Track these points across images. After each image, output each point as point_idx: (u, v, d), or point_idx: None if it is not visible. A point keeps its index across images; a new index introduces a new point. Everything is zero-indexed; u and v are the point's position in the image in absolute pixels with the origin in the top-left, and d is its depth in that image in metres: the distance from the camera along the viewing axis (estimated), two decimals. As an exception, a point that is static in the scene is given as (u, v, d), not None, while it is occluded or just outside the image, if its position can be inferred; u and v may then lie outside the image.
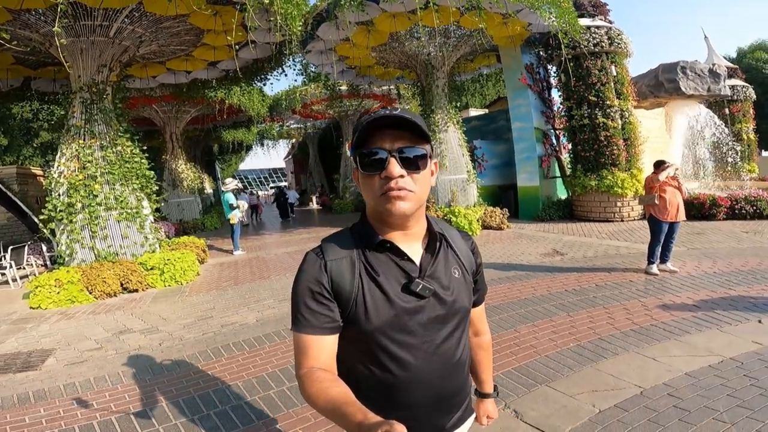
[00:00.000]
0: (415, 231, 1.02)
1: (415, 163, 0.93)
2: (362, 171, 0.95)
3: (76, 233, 6.82)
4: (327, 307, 0.95)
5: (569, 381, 2.96)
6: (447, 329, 1.02)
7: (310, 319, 0.95)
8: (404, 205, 0.93)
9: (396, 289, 0.97)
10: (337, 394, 0.82)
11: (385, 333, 0.96)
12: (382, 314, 0.96)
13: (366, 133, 0.93)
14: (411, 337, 0.97)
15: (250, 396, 3.11)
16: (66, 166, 7.02)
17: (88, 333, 4.88)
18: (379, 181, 0.93)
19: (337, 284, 0.96)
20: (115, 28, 7.33)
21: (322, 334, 0.94)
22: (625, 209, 10.27)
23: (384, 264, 0.99)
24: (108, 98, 7.66)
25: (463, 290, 1.06)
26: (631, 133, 10.34)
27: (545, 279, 5.63)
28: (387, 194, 0.92)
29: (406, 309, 0.97)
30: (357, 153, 0.95)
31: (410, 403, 1.00)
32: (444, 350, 1.01)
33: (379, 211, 0.97)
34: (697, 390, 2.72)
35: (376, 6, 8.38)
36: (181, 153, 16.09)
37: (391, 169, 0.91)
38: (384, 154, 0.92)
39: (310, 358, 0.93)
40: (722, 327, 3.70)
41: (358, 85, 16.17)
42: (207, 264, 8.75)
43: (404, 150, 0.92)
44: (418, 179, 0.95)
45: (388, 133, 0.93)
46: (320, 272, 0.97)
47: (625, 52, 10.60)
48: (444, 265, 1.04)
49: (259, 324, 4.74)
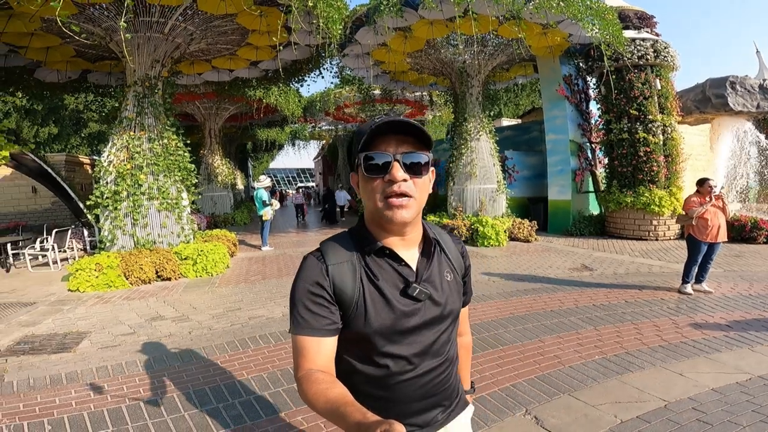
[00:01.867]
0: (412, 237, 1.05)
1: (418, 168, 0.97)
2: (366, 174, 0.97)
3: (119, 220, 7.20)
4: (328, 310, 0.97)
5: (592, 391, 2.94)
6: (440, 330, 1.06)
7: (311, 321, 0.96)
8: (405, 214, 0.96)
9: (395, 293, 1.01)
10: (336, 395, 0.83)
11: (383, 334, 1.00)
12: (382, 317, 0.99)
13: (371, 137, 0.96)
14: (408, 338, 1.02)
15: (273, 387, 3.17)
16: (116, 155, 7.42)
17: (123, 318, 5.03)
18: (382, 184, 0.96)
19: (339, 288, 0.99)
20: (170, 24, 7.73)
21: (322, 336, 0.96)
22: (660, 228, 9.95)
23: (383, 269, 1.02)
24: (159, 93, 8.05)
25: (455, 293, 1.10)
26: (672, 149, 10.00)
27: (573, 293, 5.55)
28: (389, 201, 0.95)
29: (404, 312, 1.00)
30: (361, 157, 0.97)
31: (407, 399, 1.04)
32: (437, 349, 1.06)
33: (379, 218, 1.00)
34: (722, 405, 2.68)
35: (415, 12, 8.49)
36: (218, 149, 16.69)
37: (395, 172, 0.94)
38: (389, 158, 0.95)
39: (309, 360, 0.94)
40: (753, 347, 3.60)
41: (391, 90, 16.33)
42: (237, 257, 9.04)
43: (408, 155, 0.96)
44: (419, 184, 0.98)
45: (393, 139, 0.96)
46: (322, 276, 0.99)
47: (672, 65, 10.28)
48: (438, 269, 1.08)
49: (285, 319, 4.84)
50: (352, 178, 1.06)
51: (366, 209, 1.05)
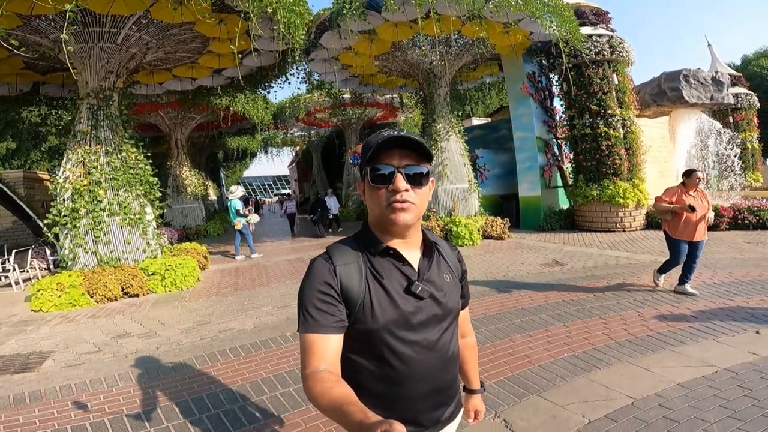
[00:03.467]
0: (413, 240, 1.14)
1: (419, 179, 1.06)
2: (372, 184, 1.06)
3: (79, 238, 6.90)
4: (336, 308, 1.03)
5: (561, 391, 2.95)
6: (442, 327, 1.13)
7: (319, 319, 1.01)
8: (407, 216, 1.05)
9: (399, 291, 1.07)
10: (340, 394, 0.86)
11: (389, 330, 1.05)
12: (387, 314, 1.05)
13: (377, 151, 1.04)
14: (412, 334, 1.08)
15: (243, 400, 3.13)
16: (71, 171, 7.12)
17: (87, 336, 4.93)
18: (386, 193, 1.05)
19: (346, 287, 1.05)
20: (123, 34, 7.48)
21: (329, 333, 1.00)
22: (626, 219, 10.24)
23: (387, 268, 1.09)
24: (114, 104, 7.79)
25: (454, 293, 1.18)
26: (633, 142, 10.32)
27: (543, 289, 5.62)
28: (392, 205, 1.04)
29: (407, 309, 1.07)
30: (367, 168, 1.06)
31: (410, 396, 1.09)
32: (440, 346, 1.12)
33: (383, 221, 1.08)
34: (689, 401, 2.71)
35: (378, 15, 8.48)
36: (186, 159, 16.25)
37: (398, 183, 1.03)
38: (392, 170, 1.04)
39: (317, 358, 0.97)
40: (718, 337, 3.67)
41: (361, 94, 16.29)
42: (208, 270, 8.81)
43: (410, 168, 1.05)
44: (420, 194, 1.07)
45: (396, 153, 1.05)
46: (330, 276, 1.05)
47: (627, 60, 10.61)
48: (438, 270, 1.16)
49: (257, 330, 4.76)
50: (359, 186, 1.15)
51: (371, 214, 1.13)
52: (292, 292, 6.50)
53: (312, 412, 2.88)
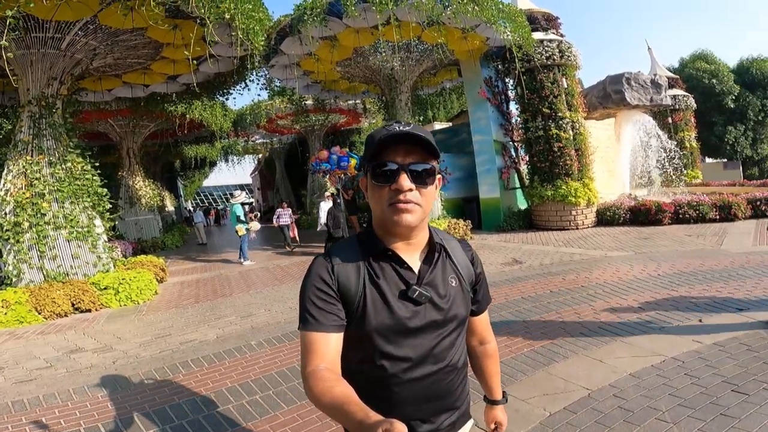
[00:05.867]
0: (417, 241, 1.08)
1: (424, 178, 1.00)
2: (374, 182, 1.01)
3: (23, 253, 6.49)
4: (335, 307, 1.01)
5: (522, 385, 3.06)
6: (441, 334, 1.07)
7: (318, 317, 0.99)
8: (410, 218, 0.99)
9: (395, 295, 1.03)
10: (340, 393, 0.85)
11: (381, 335, 1.02)
12: (381, 317, 1.01)
13: (380, 146, 0.98)
14: (407, 340, 1.03)
15: (207, 410, 3.06)
16: (12, 183, 6.70)
17: (38, 352, 4.69)
18: (389, 192, 0.99)
19: (343, 287, 1.02)
20: (68, 40, 7.12)
21: (329, 331, 0.98)
22: (579, 217, 10.75)
23: (386, 271, 1.04)
24: (58, 112, 7.39)
25: (460, 299, 1.10)
26: (582, 143, 10.87)
27: (504, 287, 5.81)
28: (395, 206, 0.98)
29: (402, 314, 1.02)
30: (370, 165, 1.01)
31: (405, 401, 1.05)
32: (437, 353, 1.06)
33: (385, 222, 1.03)
34: (641, 390, 2.82)
35: (339, 21, 8.52)
36: (139, 169, 15.55)
37: (402, 182, 0.97)
38: (396, 167, 0.98)
39: (317, 356, 0.96)
40: (665, 327, 3.87)
41: (323, 100, 16.23)
42: (167, 283, 8.47)
43: (415, 165, 0.99)
44: (425, 193, 1.01)
45: (401, 148, 0.99)
46: (328, 274, 1.03)
47: (575, 64, 11.16)
48: (442, 274, 1.09)
49: (220, 340, 4.64)
50: (362, 182, 1.08)
51: (373, 214, 1.08)
52: (256, 301, 6.37)
53: (280, 419, 2.85)
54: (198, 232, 16.57)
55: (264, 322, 5.23)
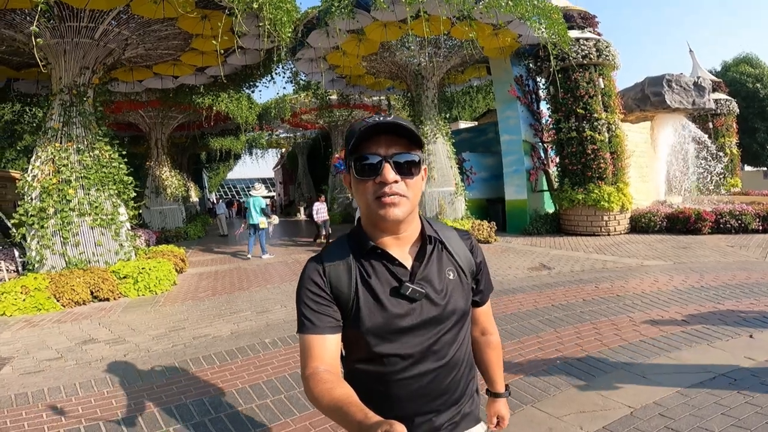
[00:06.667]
0: (407, 234, 1.03)
1: (409, 168, 0.96)
2: (357, 176, 0.97)
3: (46, 239, 6.54)
4: (330, 308, 0.99)
5: (556, 401, 2.80)
6: (440, 330, 1.03)
7: (314, 320, 0.98)
8: (397, 211, 0.95)
9: (387, 293, 0.99)
10: (340, 394, 0.84)
11: (377, 334, 0.99)
12: (374, 317, 0.98)
13: (361, 139, 0.95)
14: (403, 338, 1.00)
15: (215, 412, 2.90)
16: (40, 169, 6.77)
17: (51, 342, 4.64)
18: (373, 186, 0.95)
19: (336, 287, 1.00)
20: (101, 30, 7.17)
21: (325, 333, 0.97)
22: (611, 223, 10.26)
23: (377, 269, 1.01)
24: (89, 101, 7.45)
25: (459, 291, 1.06)
26: (617, 146, 10.36)
27: (532, 294, 5.50)
28: (380, 200, 0.94)
29: (396, 312, 0.99)
30: (352, 158, 0.97)
31: (404, 399, 1.03)
32: (436, 350, 1.02)
33: (371, 217, 1.00)
34: (690, 409, 2.58)
35: (367, 14, 8.33)
36: (166, 160, 15.78)
37: (386, 174, 0.93)
38: (379, 159, 0.94)
39: (315, 359, 0.95)
40: (713, 342, 3.58)
41: (348, 95, 16.11)
42: (186, 273, 8.46)
43: (398, 156, 0.95)
44: (411, 184, 0.97)
45: (383, 140, 0.95)
46: (320, 276, 1.01)
47: (613, 64, 10.65)
48: (437, 267, 1.05)
49: (234, 337, 4.51)
50: (345, 179, 1.05)
51: (360, 210, 1.05)
52: (273, 296, 6.25)
53: (291, 426, 2.67)
54: (220, 223, 16.77)
55: (280, 319, 5.09)
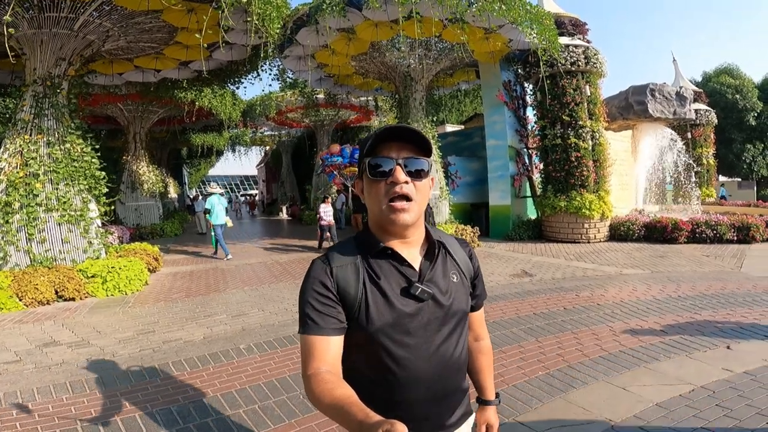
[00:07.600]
0: (414, 239, 1.08)
1: (418, 173, 1.02)
2: (370, 177, 1.02)
3: (11, 235, 6.23)
4: (335, 310, 1.00)
5: (538, 414, 2.73)
6: (445, 331, 1.07)
7: (318, 320, 0.98)
8: (407, 217, 1.00)
9: (396, 293, 1.02)
10: (341, 395, 0.85)
11: (386, 334, 1.01)
12: (384, 316, 1.01)
13: (377, 141, 1.01)
14: (410, 338, 1.02)
15: (183, 423, 2.74)
16: (7, 162, 6.46)
17: (9, 343, 4.40)
18: (385, 187, 1.00)
19: (343, 289, 1.02)
20: (81, 20, 6.91)
21: (329, 335, 0.98)
22: (591, 231, 10.36)
23: (386, 269, 1.04)
24: (63, 93, 7.18)
25: (462, 294, 1.11)
26: (600, 154, 10.45)
27: (514, 301, 5.45)
28: (391, 205, 1.00)
29: (405, 311, 1.02)
30: (365, 161, 1.02)
31: (410, 401, 1.04)
32: (442, 350, 1.06)
33: (382, 221, 1.04)
34: (670, 422, 2.56)
35: (359, 13, 8.22)
36: (144, 154, 15.32)
37: (397, 175, 0.99)
38: (391, 162, 1.00)
39: (317, 359, 0.96)
40: (691, 353, 3.58)
41: (335, 95, 15.94)
42: (159, 273, 8.18)
43: (409, 160, 1.01)
44: (420, 188, 1.02)
45: (396, 145, 1.02)
46: (327, 277, 1.02)
47: (600, 72, 10.72)
48: (442, 270, 1.09)
49: (207, 341, 4.33)
50: (357, 185, 1.11)
51: (370, 213, 1.08)
52: (250, 299, 6.06)
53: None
54: (198, 221, 16.36)
55: (256, 323, 4.92)
